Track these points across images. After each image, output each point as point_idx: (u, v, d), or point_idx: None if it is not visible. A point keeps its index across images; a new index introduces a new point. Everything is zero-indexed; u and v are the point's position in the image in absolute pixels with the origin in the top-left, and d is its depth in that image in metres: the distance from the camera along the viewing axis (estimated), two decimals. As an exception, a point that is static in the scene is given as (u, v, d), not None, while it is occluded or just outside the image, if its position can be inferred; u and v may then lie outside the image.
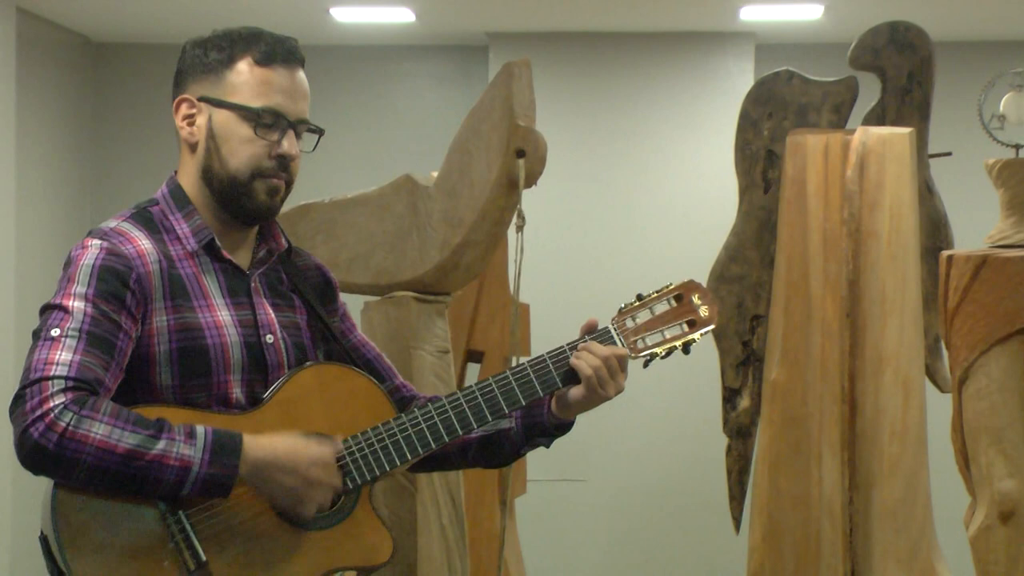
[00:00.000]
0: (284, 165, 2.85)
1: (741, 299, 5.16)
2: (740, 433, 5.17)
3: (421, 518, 4.22)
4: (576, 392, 2.94)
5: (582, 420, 3.12)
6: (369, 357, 3.08)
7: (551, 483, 7.53)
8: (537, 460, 5.89)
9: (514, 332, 4.33)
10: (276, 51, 2.83)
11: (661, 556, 7.80)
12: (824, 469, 4.75)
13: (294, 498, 2.72)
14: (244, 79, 2.82)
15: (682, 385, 7.59)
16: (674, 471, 7.75)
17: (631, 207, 7.84)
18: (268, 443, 2.70)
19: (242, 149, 2.82)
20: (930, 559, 4.64)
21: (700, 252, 5.65)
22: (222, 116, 2.82)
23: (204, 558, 2.65)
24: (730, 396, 5.19)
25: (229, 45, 2.83)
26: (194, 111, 2.84)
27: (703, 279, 5.12)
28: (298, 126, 2.87)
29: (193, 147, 2.85)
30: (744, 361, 5.17)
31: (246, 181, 2.82)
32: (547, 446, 3.07)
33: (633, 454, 7.77)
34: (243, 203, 2.84)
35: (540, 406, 3.00)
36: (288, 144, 2.84)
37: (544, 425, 3.00)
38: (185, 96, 2.84)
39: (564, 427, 3.03)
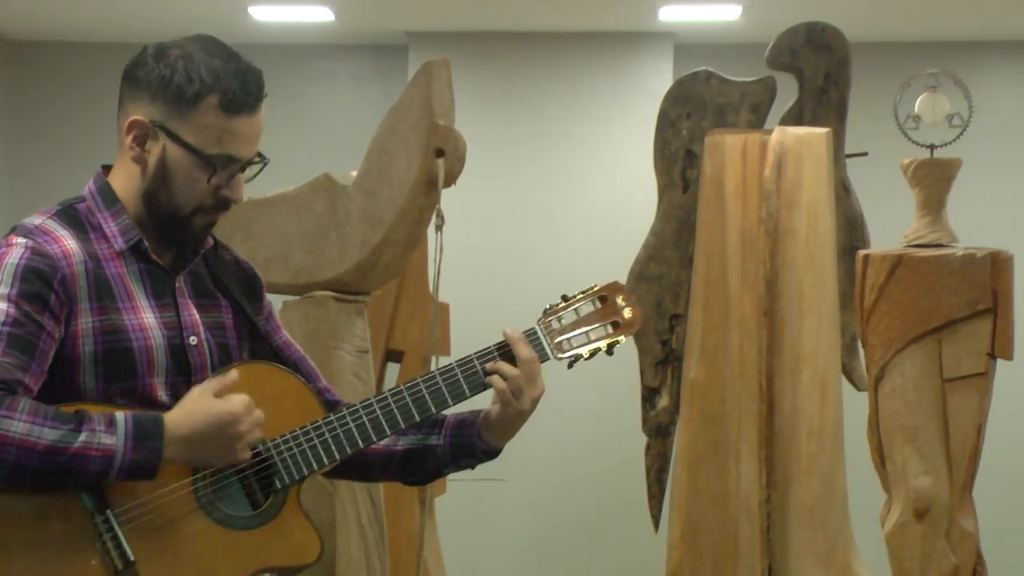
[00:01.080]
0: (226, 204, 2.85)
1: (660, 298, 5.18)
2: (659, 432, 5.19)
3: (340, 518, 4.20)
4: (494, 410, 2.94)
5: (502, 419, 3.10)
6: (295, 359, 3.06)
7: (471, 482, 7.49)
8: (457, 460, 5.88)
9: (434, 331, 4.33)
10: (244, 99, 2.77)
11: (581, 555, 7.81)
12: (742, 467, 4.77)
13: (225, 456, 2.71)
14: (207, 123, 2.76)
15: (601, 384, 7.59)
16: (594, 470, 7.76)
17: (551, 206, 7.85)
18: (187, 420, 2.67)
19: (189, 188, 2.79)
20: (847, 556, 4.67)
21: (619, 251, 5.66)
22: (177, 152, 2.77)
23: (132, 558, 2.64)
24: (649, 395, 5.21)
25: (198, 80, 2.74)
26: (147, 132, 2.79)
27: (622, 278, 5.13)
28: (248, 165, 2.85)
29: (139, 162, 2.82)
30: (663, 360, 5.18)
31: (187, 215, 2.81)
32: (472, 467, 3.07)
33: (553, 453, 7.78)
34: (178, 233, 2.84)
35: (472, 427, 2.99)
36: (234, 189, 2.83)
37: (473, 447, 3.00)
38: (138, 118, 2.77)
39: (492, 454, 3.02)
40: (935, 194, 4.73)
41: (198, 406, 2.71)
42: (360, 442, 2.87)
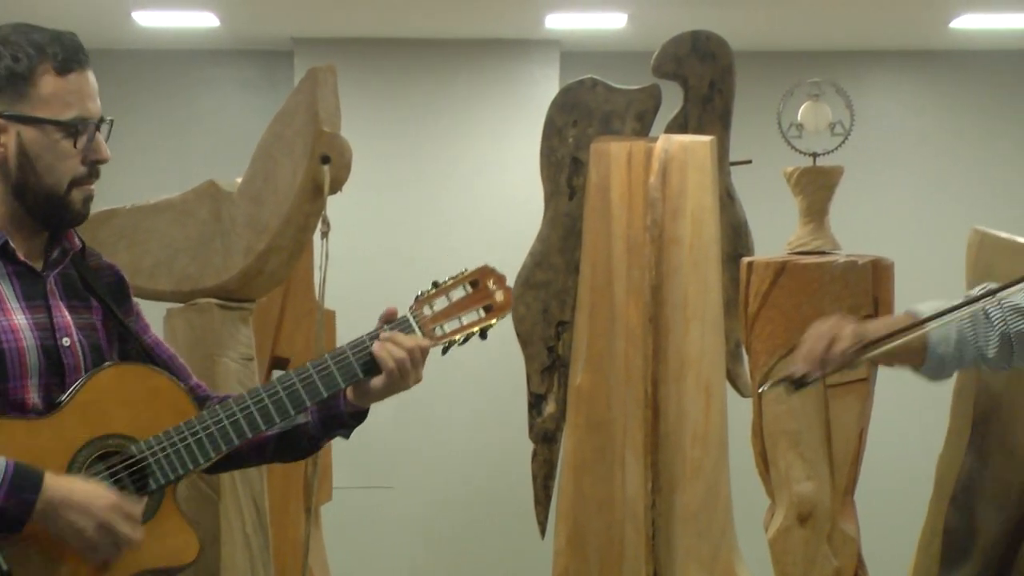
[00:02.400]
0: (96, 170, 2.84)
1: (547, 305, 5.18)
2: (546, 438, 5.20)
3: (224, 526, 4.17)
4: (377, 382, 2.95)
5: (389, 427, 3.11)
6: (164, 357, 3.05)
7: (357, 490, 7.49)
8: (343, 467, 5.87)
9: (319, 338, 4.31)
10: (71, 56, 2.78)
11: (468, 561, 7.81)
12: (628, 473, 4.79)
13: (83, 541, 2.68)
14: (50, 91, 2.77)
15: (488, 391, 7.61)
16: (480, 477, 7.77)
17: (438, 213, 7.84)
18: (67, 483, 2.66)
19: (59, 164, 2.79)
20: (731, 561, 4.71)
21: (507, 258, 5.63)
22: (32, 133, 2.77)
23: (5, 568, 2.61)
24: (536, 402, 5.21)
25: (24, 56, 2.76)
26: None
27: (510, 285, 5.13)
28: (101, 125, 2.84)
29: None
30: (550, 367, 5.19)
31: (64, 193, 2.81)
32: (346, 437, 3.08)
33: (440, 460, 7.77)
34: (61, 215, 2.83)
35: (336, 397, 2.99)
36: (100, 150, 2.83)
37: (341, 416, 3.00)
38: None
39: (360, 415, 3.03)
40: (818, 202, 4.78)
41: (87, 481, 2.70)
42: (235, 439, 2.86)
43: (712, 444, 4.71)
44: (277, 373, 5.22)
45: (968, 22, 7.45)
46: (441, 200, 7.85)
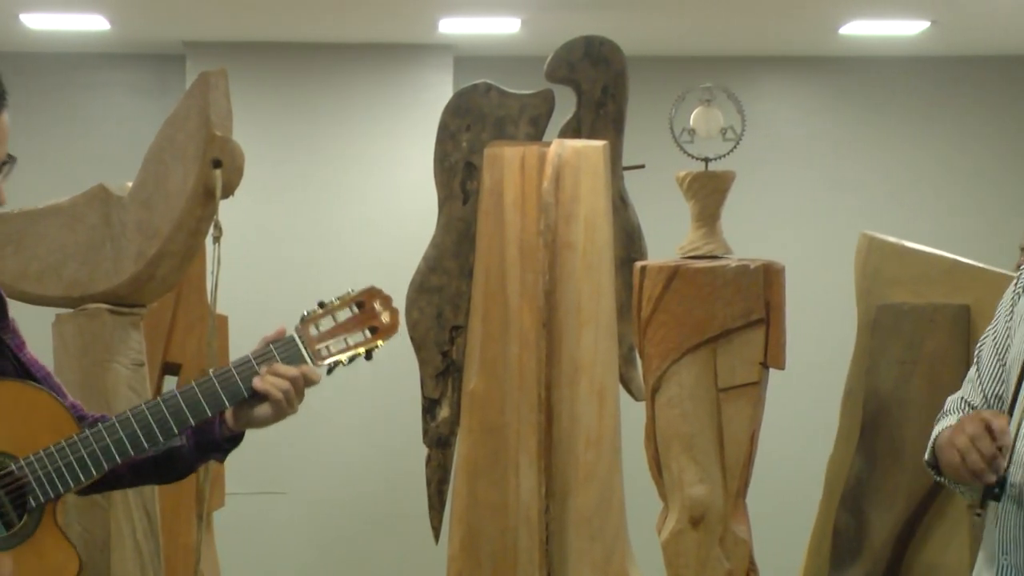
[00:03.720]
0: None
1: (441, 309, 5.18)
2: (440, 443, 5.19)
3: (114, 534, 4.13)
4: (261, 410, 2.91)
5: (282, 433, 3.10)
6: (41, 376, 2.98)
7: (250, 496, 7.45)
8: (236, 473, 5.82)
9: (211, 344, 4.28)
10: None
11: (362, 567, 7.78)
12: (521, 477, 4.80)
13: None
14: None
15: (382, 396, 7.59)
16: (374, 482, 7.75)
17: (332, 218, 7.81)
18: None
19: None
20: (624, 564, 4.73)
21: (401, 263, 5.65)
22: None
23: None
24: (430, 406, 5.21)
25: None
26: None
27: (404, 290, 5.13)
28: (3, 166, 2.81)
29: None
30: (443, 372, 5.19)
31: None
32: (220, 460, 3.05)
33: (333, 465, 7.74)
34: None
35: (212, 422, 2.95)
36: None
37: (216, 441, 2.97)
38: None
39: (236, 440, 3.00)
40: (710, 206, 4.81)
41: None
42: (117, 457, 2.82)
43: (605, 448, 4.73)
44: (169, 378, 5.18)
45: (856, 28, 7.54)
46: (335, 205, 7.83)
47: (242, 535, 7.39)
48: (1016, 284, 3.22)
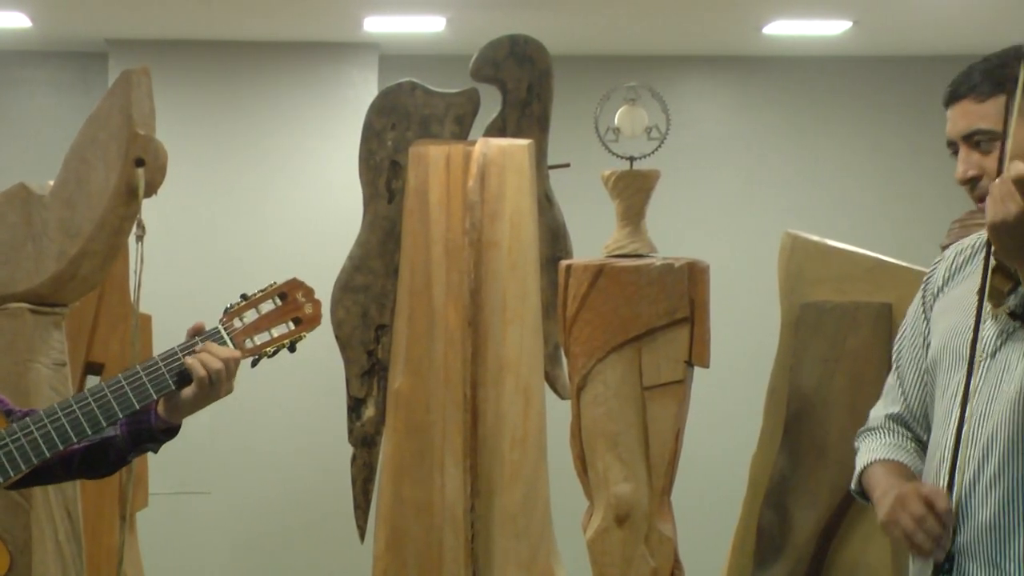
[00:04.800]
0: None
1: (366, 309, 5.17)
2: (365, 442, 5.18)
3: (36, 535, 4.10)
4: (188, 392, 2.92)
5: (206, 433, 3.09)
6: None
7: (174, 496, 7.41)
8: (159, 473, 5.79)
9: (135, 343, 4.26)
10: None
11: (287, 566, 7.76)
12: (447, 476, 4.80)
13: None
14: None
15: (307, 395, 7.56)
16: (299, 481, 7.72)
17: (257, 217, 7.78)
18: None
19: None
20: (549, 562, 4.74)
21: (327, 262, 5.64)
22: None
23: None
24: (355, 406, 5.20)
25: None
26: None
27: (329, 289, 5.12)
28: None
29: None
30: (369, 371, 5.18)
31: None
32: (155, 451, 3.05)
33: (258, 465, 7.71)
34: None
35: (146, 412, 2.96)
36: None
37: (152, 430, 2.97)
38: None
39: (172, 431, 3.00)
40: (635, 205, 4.82)
41: None
42: (46, 451, 2.81)
43: (531, 447, 4.74)
44: (92, 378, 5.14)
45: (779, 28, 7.58)
46: (260, 204, 7.79)
47: (165, 535, 7.35)
48: (925, 288, 3.25)
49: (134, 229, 4.07)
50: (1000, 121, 2.90)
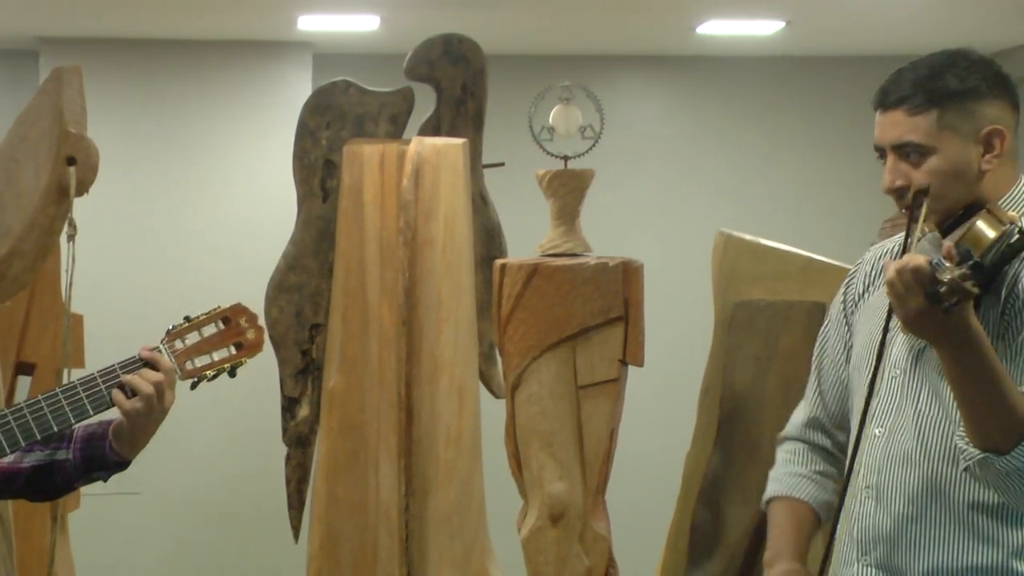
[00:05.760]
0: None
1: (300, 308, 5.15)
2: (299, 442, 5.17)
3: (-34, 538, 4.07)
4: (132, 405, 2.90)
5: (137, 432, 3.07)
6: None
7: (106, 496, 7.36)
8: (92, 474, 5.75)
9: (67, 343, 4.23)
10: None
11: (221, 567, 7.73)
12: (381, 476, 4.79)
13: None
14: None
15: (241, 395, 7.53)
16: (233, 481, 7.69)
17: (191, 216, 7.75)
18: None
19: None
20: (483, 562, 4.74)
21: (261, 261, 5.62)
22: None
23: None
24: (289, 405, 5.18)
25: None
26: None
27: (263, 288, 5.10)
28: None
29: None
30: (303, 370, 5.16)
31: None
32: (104, 480, 3.03)
33: (191, 465, 7.68)
34: None
35: (102, 439, 2.95)
36: None
37: (106, 458, 2.96)
38: None
39: (124, 464, 3.00)
40: (569, 204, 4.83)
41: None
42: None
43: (465, 446, 4.74)
44: (23, 379, 5.10)
45: (713, 28, 7.62)
46: (193, 203, 7.76)
47: (98, 537, 7.30)
48: (846, 290, 3.28)
49: (65, 228, 4.04)
50: (930, 136, 2.92)
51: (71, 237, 4.00)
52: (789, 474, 3.28)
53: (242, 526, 7.68)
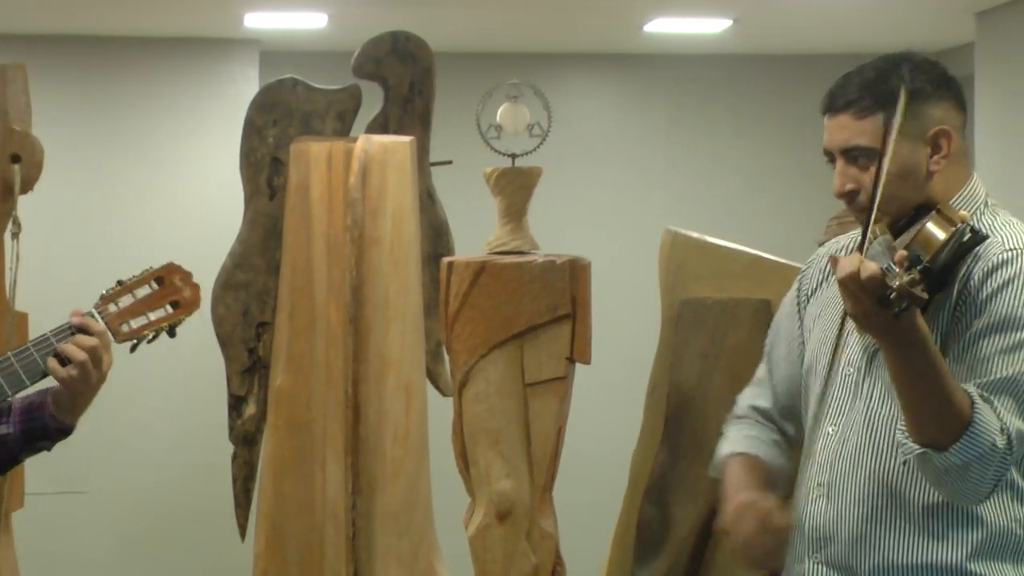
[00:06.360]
0: None
1: (247, 306, 5.14)
2: (246, 440, 5.16)
3: (-91, 538, 4.04)
4: (68, 373, 2.89)
5: (84, 430, 3.06)
6: None
7: (51, 496, 7.33)
8: (35, 473, 5.71)
9: (11, 341, 4.21)
10: None
11: (167, 566, 7.70)
12: (328, 474, 4.78)
13: None
14: None
15: (187, 393, 7.51)
16: (180, 480, 7.67)
17: (137, 214, 7.72)
18: None
19: None
20: (431, 559, 4.74)
21: (207, 259, 5.59)
22: None
23: None
24: (236, 404, 5.17)
25: None
26: None
27: (210, 286, 5.08)
28: None
29: None
30: (250, 368, 5.15)
31: None
32: (48, 449, 3.02)
33: (137, 464, 7.65)
34: None
35: (42, 408, 2.94)
36: None
37: (46, 427, 2.95)
38: None
39: (67, 431, 2.98)
40: (517, 202, 4.83)
41: None
42: None
43: (413, 444, 4.73)
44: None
45: (660, 26, 7.64)
46: (140, 201, 7.73)
47: (42, 536, 7.26)
48: (799, 287, 3.30)
49: (9, 226, 4.03)
50: (878, 139, 2.94)
51: (15, 235, 3.99)
52: (744, 436, 3.30)
53: (188, 525, 7.65)
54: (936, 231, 2.71)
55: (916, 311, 2.66)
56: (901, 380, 2.75)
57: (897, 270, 2.61)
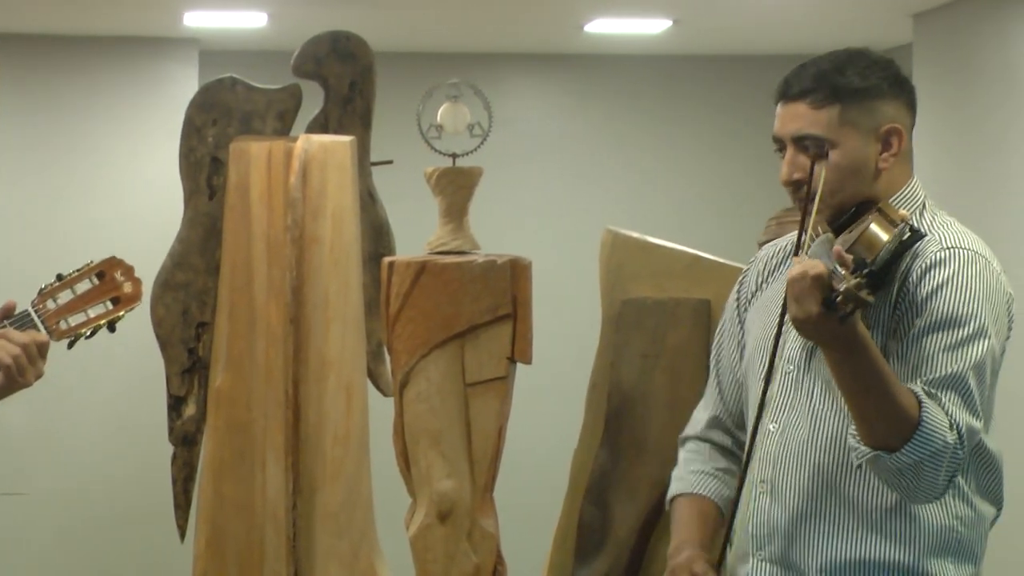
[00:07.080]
0: None
1: (187, 306, 5.12)
2: (186, 441, 5.13)
3: None
4: None
5: (21, 431, 3.04)
6: None
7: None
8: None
9: (-53, 343, 4.17)
10: None
11: (107, 567, 7.66)
12: (268, 475, 4.77)
13: None
14: None
15: (127, 394, 7.47)
16: (119, 481, 7.63)
17: (75, 213, 7.67)
18: None
19: None
20: (371, 560, 4.73)
21: (147, 259, 5.56)
22: None
23: None
24: (175, 404, 5.14)
25: None
26: None
27: (149, 286, 5.05)
28: None
29: None
30: (190, 368, 5.12)
31: None
32: None
33: (76, 465, 7.60)
34: None
35: None
36: None
37: None
38: None
39: None
40: (457, 202, 4.83)
41: None
42: None
43: (353, 444, 4.73)
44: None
45: (601, 27, 7.65)
46: (78, 200, 7.68)
47: (-20, 538, 7.22)
48: (739, 290, 3.31)
49: (-54, 226, 3.99)
50: (831, 130, 2.95)
51: (-48, 234, 3.95)
52: (692, 472, 3.30)
53: (128, 525, 7.61)
54: (879, 232, 2.73)
55: (857, 315, 2.67)
56: (846, 386, 2.77)
57: (843, 272, 2.62)
